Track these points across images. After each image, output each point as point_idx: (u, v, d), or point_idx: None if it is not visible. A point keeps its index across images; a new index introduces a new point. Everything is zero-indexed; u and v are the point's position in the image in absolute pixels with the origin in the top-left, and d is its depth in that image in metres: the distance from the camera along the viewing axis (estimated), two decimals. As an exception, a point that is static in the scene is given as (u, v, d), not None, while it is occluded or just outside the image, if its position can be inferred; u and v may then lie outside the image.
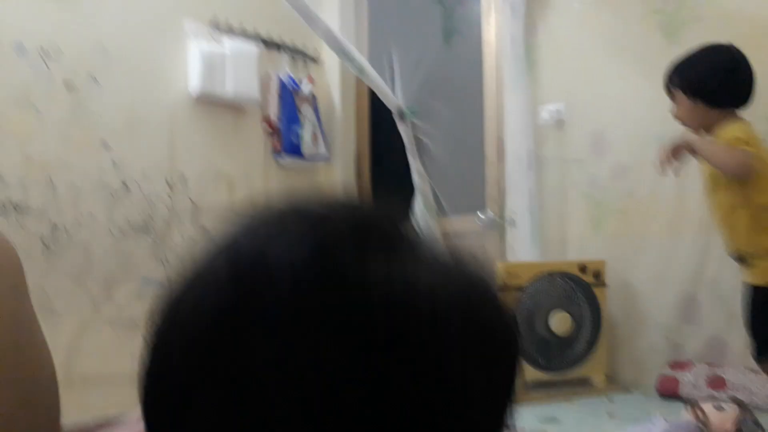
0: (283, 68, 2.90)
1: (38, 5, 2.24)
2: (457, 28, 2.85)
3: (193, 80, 2.58)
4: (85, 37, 2.34)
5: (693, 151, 1.65)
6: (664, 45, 2.17)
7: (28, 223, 2.17)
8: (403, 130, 2.72)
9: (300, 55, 3.00)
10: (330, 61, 3.05)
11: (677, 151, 1.67)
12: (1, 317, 0.45)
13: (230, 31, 2.74)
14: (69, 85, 2.29)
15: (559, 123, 2.42)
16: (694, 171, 2.08)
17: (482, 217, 2.50)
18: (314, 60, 3.08)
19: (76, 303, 2.25)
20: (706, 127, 1.70)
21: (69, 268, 2.25)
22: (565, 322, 2.04)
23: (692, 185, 2.09)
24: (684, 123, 1.76)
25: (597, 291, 2.11)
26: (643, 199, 2.20)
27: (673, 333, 2.12)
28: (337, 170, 3.07)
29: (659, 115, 2.17)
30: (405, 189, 2.77)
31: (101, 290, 2.33)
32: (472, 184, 2.66)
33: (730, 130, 1.62)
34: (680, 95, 1.72)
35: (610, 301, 2.16)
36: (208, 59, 2.59)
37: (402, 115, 2.72)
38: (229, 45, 2.69)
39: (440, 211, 2.70)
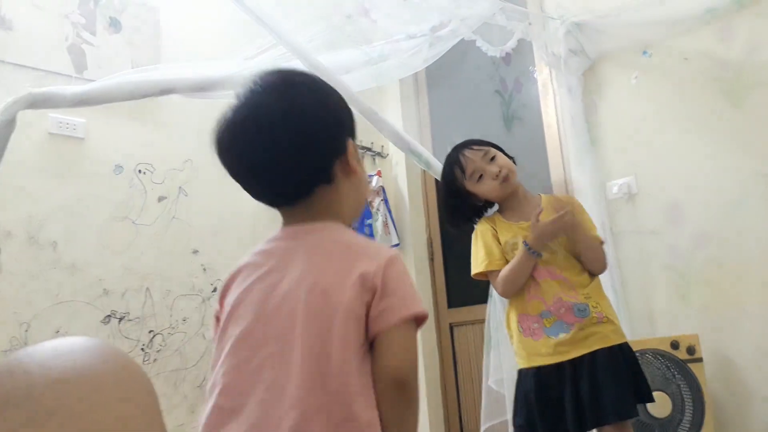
0: (353, 165, 3.05)
1: (132, 130, 2.50)
2: (516, 114, 2.94)
3: (272, 184, 2.76)
4: (173, 154, 2.57)
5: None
6: (729, 110, 2.17)
7: (129, 331, 2.32)
8: (472, 215, 2.76)
9: (369, 153, 3.17)
10: (396, 153, 3.20)
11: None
12: None
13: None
14: (161, 198, 2.50)
15: (631, 196, 2.41)
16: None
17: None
18: (382, 155, 3.24)
19: (174, 406, 2.35)
20: (517, 191, 1.79)
21: (166, 373, 2.37)
22: (664, 404, 1.95)
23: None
24: (513, 175, 1.77)
25: (693, 367, 2.01)
26: (732, 267, 2.12)
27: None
28: (409, 255, 3.13)
29: (734, 181, 2.14)
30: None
31: (196, 393, 2.42)
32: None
33: (563, 194, 1.78)
34: (493, 150, 1.78)
35: (710, 378, 2.05)
36: (284, 164, 2.77)
37: (470, 201, 2.78)
38: (303, 149, 2.87)
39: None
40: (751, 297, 2.08)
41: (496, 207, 1.85)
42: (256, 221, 2.72)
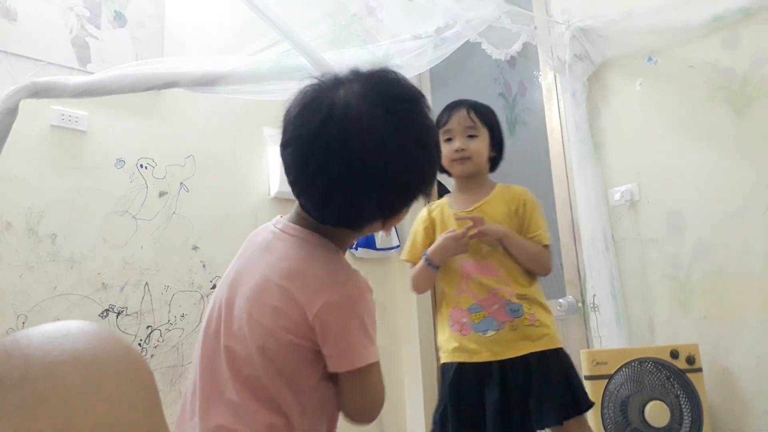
0: (355, 165, 3.05)
1: (135, 124, 2.49)
2: (520, 118, 2.94)
3: (274, 182, 2.75)
4: (176, 150, 2.57)
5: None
6: (734, 121, 2.16)
7: (127, 326, 2.31)
8: (473, 218, 2.76)
9: (370, 152, 3.16)
10: (398, 155, 3.19)
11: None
12: (143, 427, 0.47)
13: (305, 135, 2.93)
14: (162, 194, 2.50)
15: (633, 204, 2.41)
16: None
17: (562, 302, 2.46)
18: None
19: (170, 403, 2.34)
20: (474, 176, 1.73)
21: (163, 369, 2.36)
22: (661, 413, 1.94)
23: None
24: (470, 163, 1.71)
25: (692, 377, 2.00)
26: (733, 278, 2.12)
27: (782, 421, 1.97)
28: (409, 259, 3.12)
29: (737, 191, 2.14)
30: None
31: (192, 389, 2.41)
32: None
33: (523, 189, 1.77)
34: (485, 134, 1.73)
35: (709, 389, 2.04)
36: (286, 162, 2.77)
37: (472, 204, 2.77)
38: (305, 148, 2.87)
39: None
40: (752, 308, 2.07)
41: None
42: (257, 218, 2.71)
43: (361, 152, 0.80)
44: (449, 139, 1.72)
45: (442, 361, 1.68)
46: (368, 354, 0.87)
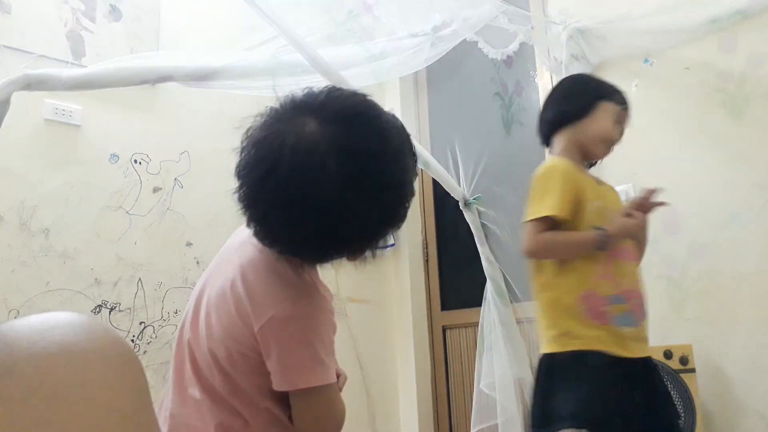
0: (351, 163, 3.04)
1: (130, 119, 2.48)
2: (516, 118, 2.94)
3: (268, 179, 2.74)
4: (170, 146, 2.56)
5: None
6: (729, 123, 2.17)
7: (119, 322, 2.30)
8: (469, 218, 2.76)
9: (366, 151, 3.15)
10: (394, 154, 3.18)
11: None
12: (130, 423, 0.45)
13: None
14: (156, 189, 2.48)
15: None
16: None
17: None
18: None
19: (161, 399, 2.32)
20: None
21: (156, 365, 2.35)
22: (654, 413, 1.94)
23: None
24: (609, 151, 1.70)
25: (686, 378, 2.00)
26: (727, 279, 2.12)
27: (775, 422, 1.97)
28: (404, 257, 3.12)
29: (732, 193, 2.14)
30: (475, 274, 2.78)
31: (184, 385, 2.40)
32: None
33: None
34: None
35: (702, 389, 2.04)
36: (281, 159, 2.76)
37: (467, 204, 2.78)
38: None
39: (512, 297, 2.68)
40: (746, 310, 2.08)
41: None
42: (251, 216, 2.70)
43: (303, 212, 0.75)
44: (619, 123, 1.64)
45: (577, 348, 1.44)
46: (313, 376, 0.82)
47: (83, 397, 0.43)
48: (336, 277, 2.92)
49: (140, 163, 2.46)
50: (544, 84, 2.74)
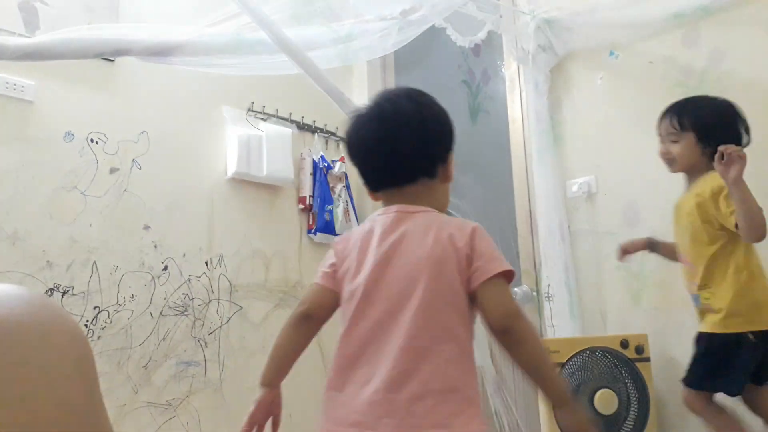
0: (317, 149, 3.00)
1: (87, 96, 2.39)
2: (482, 107, 2.94)
3: (231, 163, 2.68)
4: (129, 125, 2.47)
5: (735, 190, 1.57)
6: (691, 117, 2.20)
7: (72, 306, 2.22)
8: (433, 205, 2.76)
9: (332, 137, 3.12)
10: (360, 140, 3.16)
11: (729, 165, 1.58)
12: (71, 405, 0.43)
13: (266, 115, 2.87)
14: (113, 170, 2.40)
15: (590, 196, 2.44)
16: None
17: (517, 291, 2.48)
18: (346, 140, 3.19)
19: (117, 386, 2.26)
20: (690, 172, 1.83)
21: (110, 351, 2.28)
22: (610, 401, 1.98)
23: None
24: (676, 164, 1.85)
25: (640, 366, 2.05)
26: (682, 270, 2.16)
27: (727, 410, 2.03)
28: (368, 246, 3.10)
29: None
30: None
31: (140, 373, 2.34)
32: (505, 258, 2.64)
33: (718, 180, 1.65)
34: (690, 137, 1.79)
35: (656, 378, 2.09)
36: (244, 142, 2.70)
37: (432, 192, 2.77)
38: (265, 129, 2.81)
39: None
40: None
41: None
42: (212, 199, 2.65)
43: (414, 134, 1.18)
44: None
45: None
46: (505, 262, 1.14)
47: (15, 377, 0.40)
48: (299, 263, 2.88)
49: (97, 142, 2.38)
50: (511, 74, 2.75)
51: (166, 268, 2.47)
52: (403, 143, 1.16)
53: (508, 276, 1.09)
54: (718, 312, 1.71)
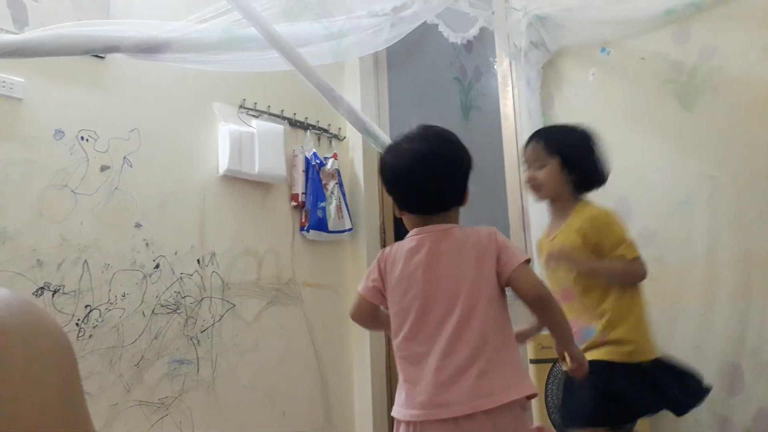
0: (309, 146, 2.99)
1: (77, 93, 2.37)
2: (474, 103, 2.94)
3: (223, 160, 2.67)
4: (120, 122, 2.46)
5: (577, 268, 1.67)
6: (681, 113, 2.21)
7: (63, 305, 2.21)
8: (426, 202, 2.76)
9: (324, 134, 3.11)
10: (353, 137, 3.15)
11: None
12: (53, 408, 0.42)
13: (258, 112, 2.85)
14: (104, 168, 2.39)
15: (582, 191, 2.44)
16: (727, 236, 2.07)
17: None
18: (339, 138, 3.18)
19: (109, 385, 2.25)
20: (555, 200, 1.77)
21: (102, 350, 2.27)
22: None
23: (725, 250, 2.08)
24: (543, 189, 1.76)
25: (632, 361, 2.05)
26: (674, 266, 2.17)
27: (718, 406, 2.04)
28: (361, 241, 3.10)
29: (683, 181, 2.19)
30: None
31: (133, 371, 2.33)
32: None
33: (594, 209, 1.71)
34: (556, 162, 1.73)
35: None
36: (236, 139, 2.69)
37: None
38: (257, 125, 2.80)
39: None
40: (691, 296, 2.13)
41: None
42: (204, 196, 2.63)
43: (441, 170, 1.40)
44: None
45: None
46: (523, 252, 1.44)
47: (1, 376, 0.40)
48: (292, 261, 2.88)
49: (87, 140, 2.36)
50: (504, 71, 2.75)
51: (158, 266, 2.46)
52: (440, 182, 1.40)
53: (528, 262, 1.36)
54: (620, 342, 1.64)
